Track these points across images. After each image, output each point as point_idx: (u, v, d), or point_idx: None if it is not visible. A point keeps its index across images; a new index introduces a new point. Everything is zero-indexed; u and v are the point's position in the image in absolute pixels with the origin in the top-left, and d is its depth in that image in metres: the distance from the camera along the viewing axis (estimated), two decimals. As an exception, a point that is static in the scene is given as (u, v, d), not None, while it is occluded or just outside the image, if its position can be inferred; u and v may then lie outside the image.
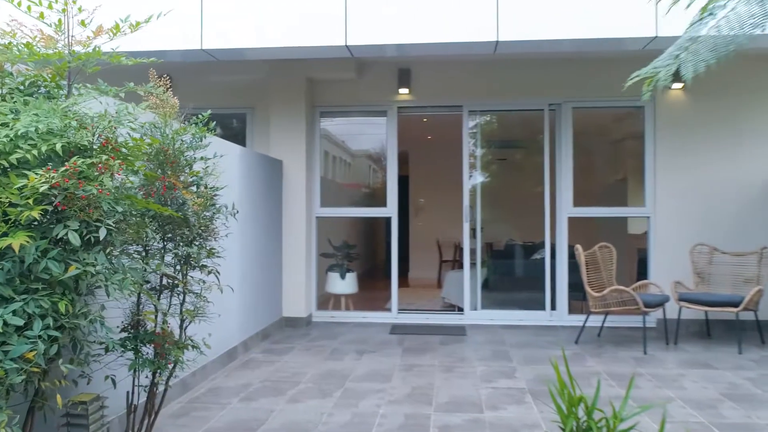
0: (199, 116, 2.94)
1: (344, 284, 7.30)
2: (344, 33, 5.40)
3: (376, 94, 7.20)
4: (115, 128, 2.34)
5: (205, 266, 3.02)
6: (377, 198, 7.27)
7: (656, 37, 5.18)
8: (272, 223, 6.55)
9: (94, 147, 2.28)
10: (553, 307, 7.06)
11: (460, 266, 11.55)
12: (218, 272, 3.12)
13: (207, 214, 2.91)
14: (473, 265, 7.31)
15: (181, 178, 2.87)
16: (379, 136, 7.66)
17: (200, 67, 7.07)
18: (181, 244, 2.77)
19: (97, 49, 2.53)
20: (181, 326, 2.95)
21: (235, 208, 3.04)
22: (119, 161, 2.24)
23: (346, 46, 5.45)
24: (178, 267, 2.92)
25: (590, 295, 5.94)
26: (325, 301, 7.53)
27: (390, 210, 7.14)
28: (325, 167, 7.70)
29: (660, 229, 6.81)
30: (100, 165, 2.17)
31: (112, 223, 2.21)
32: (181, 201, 2.74)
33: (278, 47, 5.52)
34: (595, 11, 5.31)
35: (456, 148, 7.46)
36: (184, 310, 2.89)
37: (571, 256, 7.18)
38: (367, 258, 12.15)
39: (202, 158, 2.95)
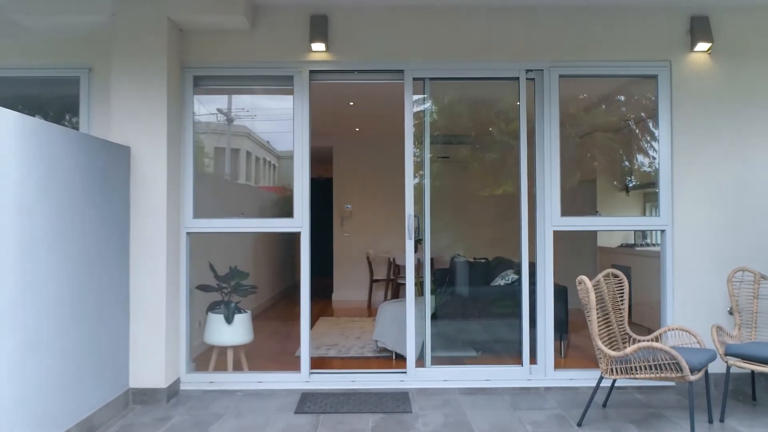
0: None
1: (231, 331, 4.93)
2: None
3: (278, 51, 4.88)
4: None
5: None
6: (288, 205, 4.96)
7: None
8: (107, 244, 4.12)
9: None
10: (533, 359, 4.95)
11: (396, 288, 9.46)
12: None
13: None
14: (417, 291, 5.13)
15: None
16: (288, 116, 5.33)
17: (7, 5, 4.56)
18: None
19: None
20: None
21: None
22: None
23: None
24: None
25: (605, 355, 3.84)
26: (206, 357, 5.14)
27: (298, 221, 4.83)
28: (204, 160, 5.34)
29: (681, 247, 4.84)
30: None
31: None
32: None
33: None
34: None
35: (393, 137, 5.28)
36: None
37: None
38: (277, 286, 9.72)
39: None
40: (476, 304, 6.33)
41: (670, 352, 3.61)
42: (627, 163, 8.45)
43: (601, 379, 3.96)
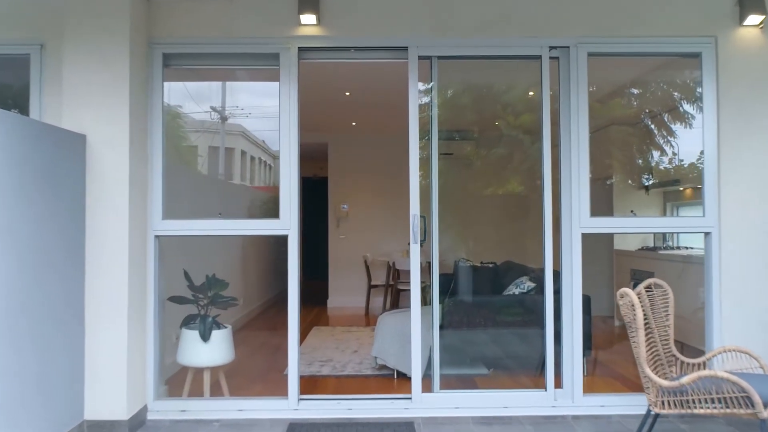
0: None
1: (208, 350, 4.25)
2: None
3: (262, 24, 4.20)
4: None
5: None
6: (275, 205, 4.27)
7: None
8: (56, 249, 3.43)
9: None
10: (558, 383, 4.28)
11: (395, 295, 8.79)
12: None
13: None
14: (424, 300, 4.44)
15: None
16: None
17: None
18: None
19: None
20: None
21: None
22: None
23: None
24: None
25: (654, 384, 3.17)
26: (180, 378, 4.45)
27: (285, 223, 4.15)
28: (180, 153, 4.66)
29: (729, 252, 4.17)
30: None
31: None
32: None
33: None
34: None
35: (393, 131, 4.61)
36: None
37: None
38: (267, 293, 9.00)
39: None
40: (485, 315, 5.64)
41: (740, 384, 2.93)
42: (649, 160, 7.81)
43: (648, 412, 3.29)
